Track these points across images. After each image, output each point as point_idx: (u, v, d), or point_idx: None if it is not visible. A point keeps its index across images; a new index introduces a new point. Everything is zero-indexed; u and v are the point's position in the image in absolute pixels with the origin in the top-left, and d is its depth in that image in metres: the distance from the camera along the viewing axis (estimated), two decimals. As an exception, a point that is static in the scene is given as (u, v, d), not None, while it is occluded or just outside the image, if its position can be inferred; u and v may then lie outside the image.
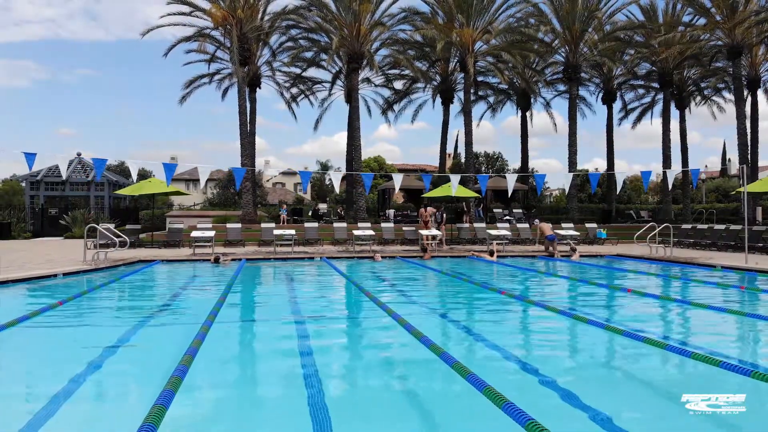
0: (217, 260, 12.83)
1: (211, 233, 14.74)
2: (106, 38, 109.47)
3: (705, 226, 19.02)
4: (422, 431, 3.39)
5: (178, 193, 19.16)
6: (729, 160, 55.79)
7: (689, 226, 20.09)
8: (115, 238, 12.14)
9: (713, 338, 5.94)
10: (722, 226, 18.12)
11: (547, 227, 16.77)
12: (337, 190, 13.52)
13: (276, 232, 15.71)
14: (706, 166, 68.45)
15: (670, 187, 24.25)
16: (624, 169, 76.46)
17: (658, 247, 15.20)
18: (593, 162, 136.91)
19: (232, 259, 13.47)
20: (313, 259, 14.45)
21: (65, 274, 10.23)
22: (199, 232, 14.77)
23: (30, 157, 9.63)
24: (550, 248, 15.72)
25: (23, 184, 31.87)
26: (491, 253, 14.80)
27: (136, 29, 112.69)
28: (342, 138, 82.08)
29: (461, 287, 9.95)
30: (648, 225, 16.48)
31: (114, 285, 9.60)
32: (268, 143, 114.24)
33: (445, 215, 18.82)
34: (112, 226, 16.61)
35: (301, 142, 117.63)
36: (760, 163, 38.16)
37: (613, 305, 8.15)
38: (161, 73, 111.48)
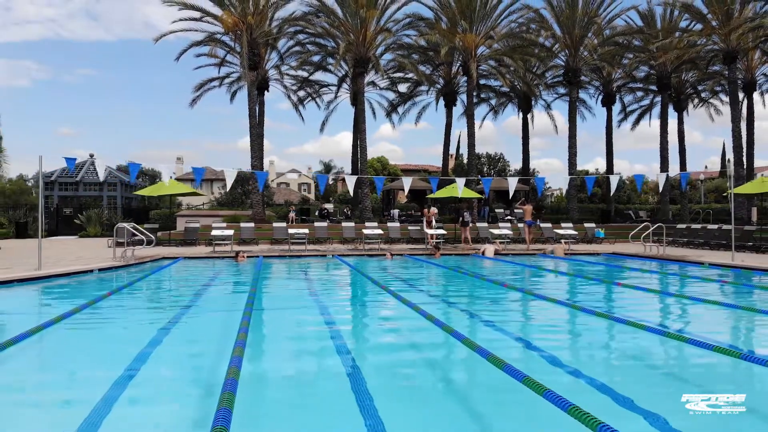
0: (237, 255, 13.67)
1: (230, 232, 15.61)
2: (106, 38, 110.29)
3: (698, 226, 19.82)
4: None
5: (194, 194, 20.00)
6: (729, 160, 56.36)
7: (684, 226, 20.88)
8: (143, 237, 12.99)
9: (688, 322, 6.76)
10: (715, 226, 18.90)
11: (528, 210, 18.15)
12: (351, 191, 14.34)
13: (290, 231, 16.56)
14: (705, 167, 69.16)
15: (660, 188, 24.99)
16: (626, 169, 77.18)
17: (651, 245, 16.01)
18: (595, 162, 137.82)
19: (249, 256, 14.32)
20: (325, 256, 15.30)
21: (100, 270, 11.08)
22: (219, 231, 15.64)
23: (71, 161, 10.46)
24: (526, 232, 17.23)
25: (29, 183, 32.66)
26: (494, 251, 15.66)
27: (136, 29, 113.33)
28: (343, 137, 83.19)
29: (468, 281, 10.78)
30: (642, 225, 17.30)
31: (150, 278, 10.48)
32: (270, 143, 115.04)
33: (469, 216, 19.93)
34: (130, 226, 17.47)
35: (302, 141, 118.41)
36: (763, 163, 38.85)
37: (603, 296, 8.96)
38: (162, 73, 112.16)
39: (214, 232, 15.77)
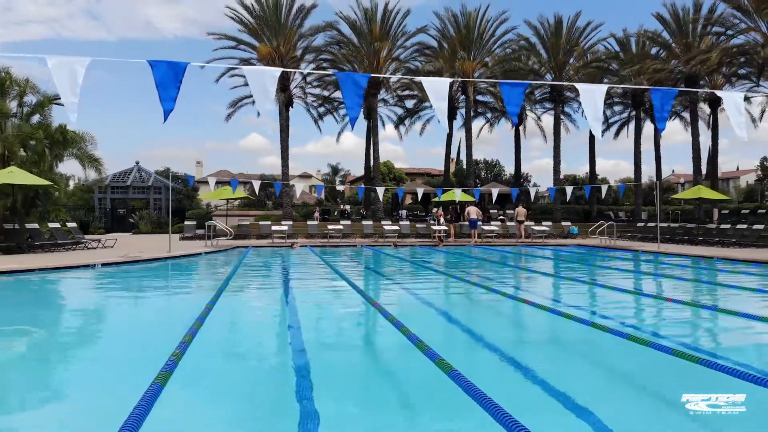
0: (292, 246, 18.39)
1: (285, 227, 20.38)
2: (107, 38, 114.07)
3: (653, 224, 24.44)
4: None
5: (247, 198, 24.67)
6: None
7: (642, 224, 25.54)
8: (226, 230, 17.67)
9: (597, 276, 11.42)
10: (665, 224, 23.52)
11: (473, 211, 22.45)
12: (380, 198, 18.92)
13: (329, 227, 21.35)
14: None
15: (603, 195, 29.11)
16: (628, 169, 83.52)
17: (605, 238, 20.67)
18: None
19: (301, 246, 19.08)
20: (355, 246, 20.06)
21: (206, 253, 15.72)
22: (277, 227, 20.43)
23: (190, 177, 15.10)
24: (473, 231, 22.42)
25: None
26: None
27: (136, 29, 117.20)
28: (345, 138, 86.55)
29: (463, 259, 15.46)
30: (598, 223, 21.97)
31: (247, 258, 15.06)
32: (271, 143, 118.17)
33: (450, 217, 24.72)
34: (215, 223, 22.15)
35: (304, 142, 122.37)
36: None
37: (547, 266, 13.59)
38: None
39: (273, 228, 20.57)
